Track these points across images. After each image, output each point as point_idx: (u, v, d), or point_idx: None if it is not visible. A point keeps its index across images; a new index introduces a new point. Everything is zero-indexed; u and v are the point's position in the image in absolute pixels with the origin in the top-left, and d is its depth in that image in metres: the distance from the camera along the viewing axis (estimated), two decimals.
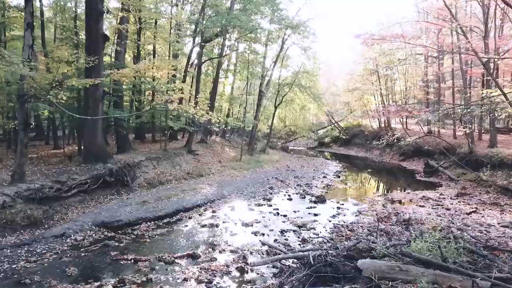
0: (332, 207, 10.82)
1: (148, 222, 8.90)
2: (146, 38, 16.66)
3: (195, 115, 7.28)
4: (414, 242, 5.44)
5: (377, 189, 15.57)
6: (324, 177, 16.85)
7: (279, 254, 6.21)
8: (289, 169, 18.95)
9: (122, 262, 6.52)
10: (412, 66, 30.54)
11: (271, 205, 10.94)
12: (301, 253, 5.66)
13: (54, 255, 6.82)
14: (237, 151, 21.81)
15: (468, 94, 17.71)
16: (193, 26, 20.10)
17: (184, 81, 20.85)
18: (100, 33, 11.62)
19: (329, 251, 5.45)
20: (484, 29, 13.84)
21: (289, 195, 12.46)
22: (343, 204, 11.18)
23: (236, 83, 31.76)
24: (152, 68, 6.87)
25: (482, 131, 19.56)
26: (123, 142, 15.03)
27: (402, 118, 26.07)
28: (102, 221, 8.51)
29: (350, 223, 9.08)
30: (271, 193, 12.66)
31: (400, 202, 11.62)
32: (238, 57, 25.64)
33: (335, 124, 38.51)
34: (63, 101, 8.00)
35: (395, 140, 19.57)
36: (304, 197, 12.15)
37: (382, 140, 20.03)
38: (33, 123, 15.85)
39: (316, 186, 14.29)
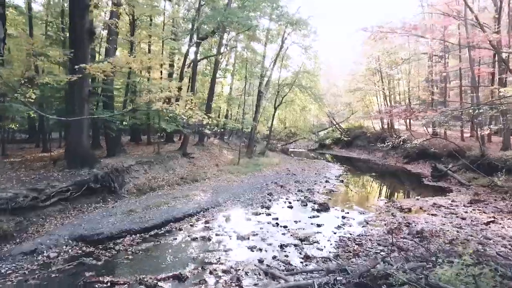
0: (336, 216, 9.93)
1: (133, 235, 8.02)
2: (139, 35, 15.80)
3: (183, 116, 6.43)
4: (439, 267, 4.55)
5: (383, 195, 14.69)
6: (326, 181, 15.95)
7: (278, 279, 5.31)
8: (290, 173, 18.05)
9: (97, 286, 5.63)
10: (416, 66, 29.73)
11: (270, 214, 10.04)
12: (304, 281, 4.78)
13: (20, 276, 5.94)
14: (235, 154, 20.93)
15: (477, 94, 16.84)
16: (189, 25, 19.33)
17: (181, 80, 20.03)
18: (85, 28, 10.76)
19: (338, 278, 4.58)
20: (496, 23, 12.98)
21: (289, 202, 11.57)
22: (348, 213, 10.28)
23: (235, 84, 30.95)
24: (131, 63, 6.01)
25: (493, 133, 18.66)
26: (113, 145, 14.16)
27: (407, 120, 25.16)
28: (81, 235, 7.61)
29: (357, 236, 8.19)
30: (270, 200, 11.76)
31: (409, 210, 10.72)
32: (236, 57, 24.84)
33: (336, 125, 37.66)
34: (47, 100, 7.12)
35: (401, 143, 18.77)
36: (306, 205, 11.25)
37: (388, 142, 19.20)
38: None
39: (318, 192, 13.40)
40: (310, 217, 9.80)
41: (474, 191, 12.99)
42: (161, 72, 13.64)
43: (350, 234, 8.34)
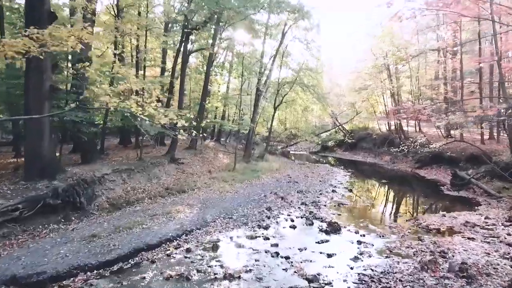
0: (350, 241, 8.01)
1: (89, 272, 6.11)
2: (124, 24, 13.92)
3: (140, 115, 4.64)
4: None
5: (401, 209, 12.72)
6: (333, 191, 14.04)
7: None
8: (291, 180, 16.14)
9: None
10: (424, 64, 27.86)
11: (268, 238, 8.13)
12: None
13: None
14: (232, 158, 19.03)
15: (504, 90, 14.89)
16: (180, 16, 17.48)
17: (172, 77, 18.21)
18: (44, 9, 8.88)
19: None
20: None
21: (291, 220, 9.65)
22: (364, 236, 8.37)
23: (233, 83, 29.08)
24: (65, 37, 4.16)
25: None
26: (88, 150, 12.26)
27: (419, 120, 23.21)
28: (14, 275, 5.69)
29: (382, 273, 6.27)
30: (268, 217, 9.84)
31: (438, 231, 8.81)
32: (233, 54, 22.94)
33: (340, 126, 35.76)
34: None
35: (417, 146, 16.87)
36: (312, 223, 9.33)
37: (402, 146, 17.32)
38: None
39: (325, 205, 11.48)
40: (318, 242, 7.89)
41: (508, 204, 11.08)
42: (116, 55, 11.73)
43: (372, 269, 6.42)
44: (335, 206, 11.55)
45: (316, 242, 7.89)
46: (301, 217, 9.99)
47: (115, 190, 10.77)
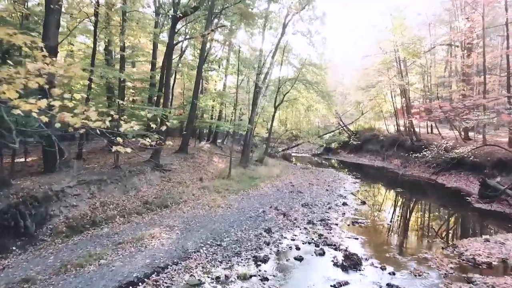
0: (377, 284, 5.97)
1: None
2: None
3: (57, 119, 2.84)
4: None
5: (430, 228, 10.49)
6: (343, 204, 12.00)
7: None
8: (294, 189, 14.09)
9: None
10: (433, 59, 25.83)
11: (266, 278, 6.09)
12: None
13: None
14: (227, 162, 16.99)
15: None
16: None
17: (153, 68, 16.21)
18: None
19: None
20: None
21: (297, 248, 7.61)
22: (394, 274, 6.33)
23: (231, 81, 27.05)
24: None
25: None
26: (49, 158, 10.16)
27: (436, 121, 21.19)
28: None
29: None
30: (267, 243, 7.80)
31: (489, 266, 6.77)
32: (229, 45, 20.87)
33: (344, 127, 33.73)
34: None
35: (443, 151, 14.84)
36: (323, 253, 7.30)
37: (425, 151, 15.30)
38: None
39: (336, 225, 9.44)
40: (333, 286, 5.85)
41: None
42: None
43: None
44: (349, 225, 9.50)
45: (331, 286, 5.85)
46: (309, 243, 7.95)
47: (78, 207, 8.74)
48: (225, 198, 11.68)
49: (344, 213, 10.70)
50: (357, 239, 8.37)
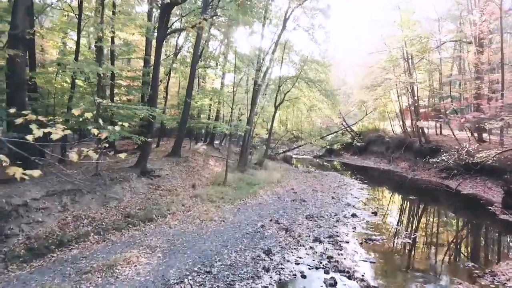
0: None
1: None
2: None
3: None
4: None
5: (457, 246, 9.02)
6: (353, 215, 10.68)
7: None
8: (297, 197, 12.77)
9: None
10: (440, 56, 24.51)
11: None
12: None
13: None
14: (224, 165, 15.69)
15: None
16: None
17: (145, 66, 14.92)
18: None
19: None
20: None
21: (302, 276, 6.30)
22: None
23: (229, 80, 25.77)
24: None
25: None
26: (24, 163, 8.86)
27: (448, 121, 19.89)
28: None
29: None
30: (267, 269, 6.47)
31: None
32: (227, 41, 19.56)
33: (347, 128, 32.43)
34: None
35: (464, 155, 13.53)
36: (334, 284, 5.97)
37: (444, 156, 13.98)
38: None
39: (347, 243, 8.12)
40: None
41: None
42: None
43: None
44: (361, 243, 8.18)
45: None
46: (316, 268, 6.64)
47: (44, 223, 7.42)
48: (219, 209, 10.36)
49: (355, 227, 9.38)
50: (374, 262, 7.04)
